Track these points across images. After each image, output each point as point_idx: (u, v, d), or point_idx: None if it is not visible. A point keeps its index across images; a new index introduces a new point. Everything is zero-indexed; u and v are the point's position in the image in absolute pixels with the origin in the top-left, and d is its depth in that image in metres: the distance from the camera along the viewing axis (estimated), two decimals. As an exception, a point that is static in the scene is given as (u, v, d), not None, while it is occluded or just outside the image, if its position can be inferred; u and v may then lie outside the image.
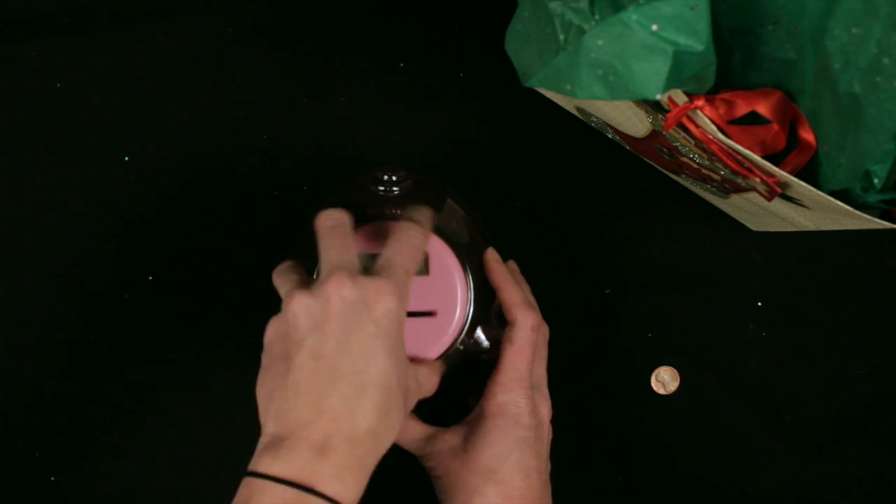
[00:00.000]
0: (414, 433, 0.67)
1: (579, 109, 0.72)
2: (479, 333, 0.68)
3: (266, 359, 0.60)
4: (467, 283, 0.67)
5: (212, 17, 0.79)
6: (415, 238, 0.62)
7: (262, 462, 0.55)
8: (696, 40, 0.53)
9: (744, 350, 0.77)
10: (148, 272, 0.76)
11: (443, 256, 0.67)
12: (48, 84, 0.78)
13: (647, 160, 0.76)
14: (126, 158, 0.78)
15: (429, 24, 0.79)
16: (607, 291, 0.77)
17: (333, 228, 0.61)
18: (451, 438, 0.66)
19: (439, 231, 0.67)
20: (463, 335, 0.67)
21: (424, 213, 0.65)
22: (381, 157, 0.78)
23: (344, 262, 0.59)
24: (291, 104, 0.78)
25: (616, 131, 0.71)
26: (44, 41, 0.78)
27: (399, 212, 0.68)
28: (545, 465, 0.66)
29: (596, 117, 0.71)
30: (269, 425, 0.57)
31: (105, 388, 0.75)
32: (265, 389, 0.59)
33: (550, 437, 0.67)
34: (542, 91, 0.70)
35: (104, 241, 0.77)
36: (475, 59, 0.79)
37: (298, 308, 0.58)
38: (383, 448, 0.57)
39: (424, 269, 0.66)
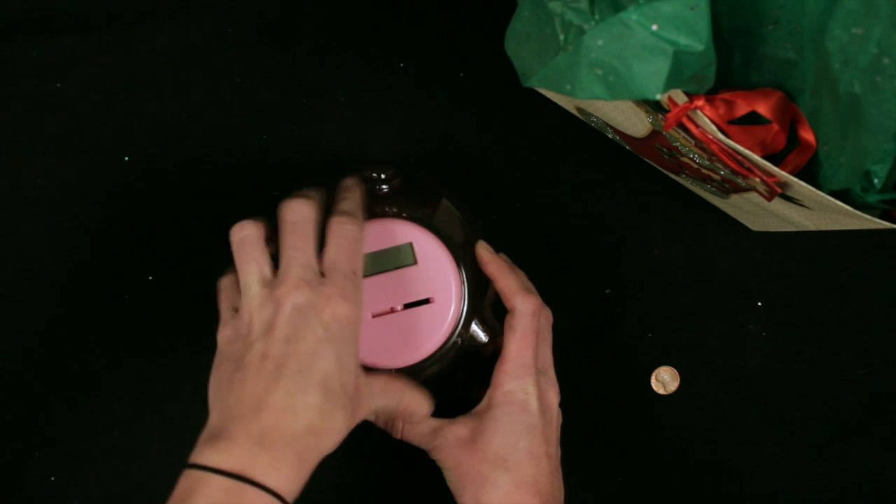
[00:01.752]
0: (421, 428, 0.67)
1: (579, 109, 0.72)
2: (475, 328, 0.68)
3: (218, 358, 0.61)
4: (461, 277, 0.67)
5: (212, 17, 0.79)
6: (350, 232, 0.62)
7: (202, 454, 0.56)
8: (696, 40, 0.53)
9: (744, 350, 0.77)
10: (148, 272, 0.76)
11: (432, 246, 0.67)
12: (48, 84, 0.78)
13: (647, 160, 0.76)
14: (126, 158, 0.78)
15: (429, 24, 0.79)
16: (607, 291, 0.77)
17: (296, 224, 0.61)
18: (458, 429, 0.66)
19: (433, 228, 0.68)
20: (459, 328, 0.67)
21: (353, 199, 0.64)
22: (380, 156, 0.78)
23: (299, 264, 0.60)
24: (291, 104, 0.78)
25: (616, 131, 0.71)
26: (44, 41, 0.78)
27: (393, 209, 0.68)
28: (555, 450, 0.66)
29: (596, 117, 0.71)
30: (213, 418, 0.58)
31: (105, 388, 0.75)
32: (213, 387, 0.60)
33: (559, 421, 0.68)
34: (542, 91, 0.70)
35: (104, 241, 0.77)
36: (475, 59, 0.79)
37: (252, 313, 0.59)
38: (326, 447, 0.58)
39: (412, 259, 0.67)
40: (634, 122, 0.66)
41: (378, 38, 0.79)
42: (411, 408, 0.65)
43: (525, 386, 0.65)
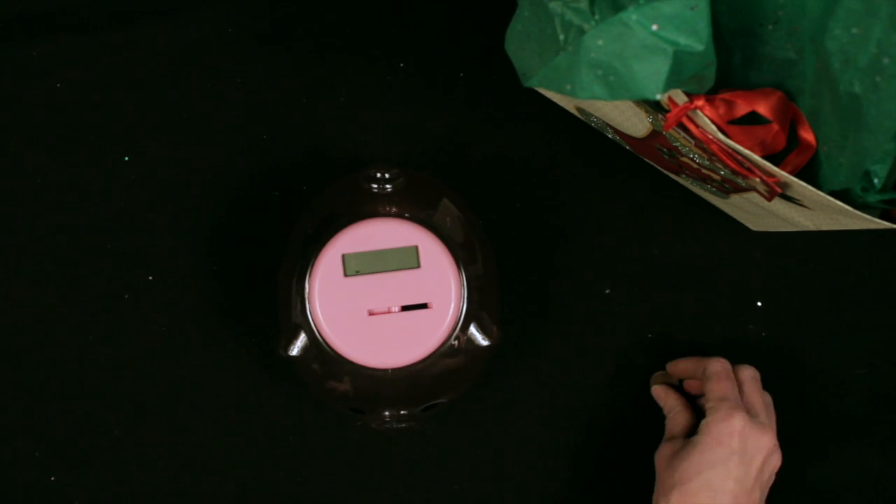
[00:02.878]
0: (675, 429, 0.71)
1: (579, 109, 0.72)
2: (474, 330, 0.68)
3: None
4: (461, 279, 0.67)
5: (212, 17, 0.79)
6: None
7: None
8: (696, 40, 0.53)
9: (744, 350, 0.77)
10: (148, 272, 0.76)
11: (436, 252, 0.67)
12: (48, 84, 0.78)
13: (647, 160, 0.76)
14: (126, 158, 0.78)
15: (429, 24, 0.79)
16: (607, 291, 0.77)
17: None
18: (666, 448, 0.70)
19: (433, 229, 0.68)
20: (457, 331, 0.67)
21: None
22: (380, 156, 0.78)
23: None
24: (291, 104, 0.78)
25: (616, 131, 0.71)
26: (44, 41, 0.78)
27: (395, 209, 0.68)
28: (747, 496, 0.66)
29: (596, 117, 0.71)
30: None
31: (105, 388, 0.75)
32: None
33: (769, 476, 0.69)
34: (542, 91, 0.70)
35: (104, 241, 0.77)
36: (475, 59, 0.79)
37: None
38: None
39: (416, 262, 0.67)
40: (634, 122, 0.66)
41: (378, 38, 0.79)
42: None
43: (725, 419, 0.67)
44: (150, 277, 0.76)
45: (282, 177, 0.78)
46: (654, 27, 0.53)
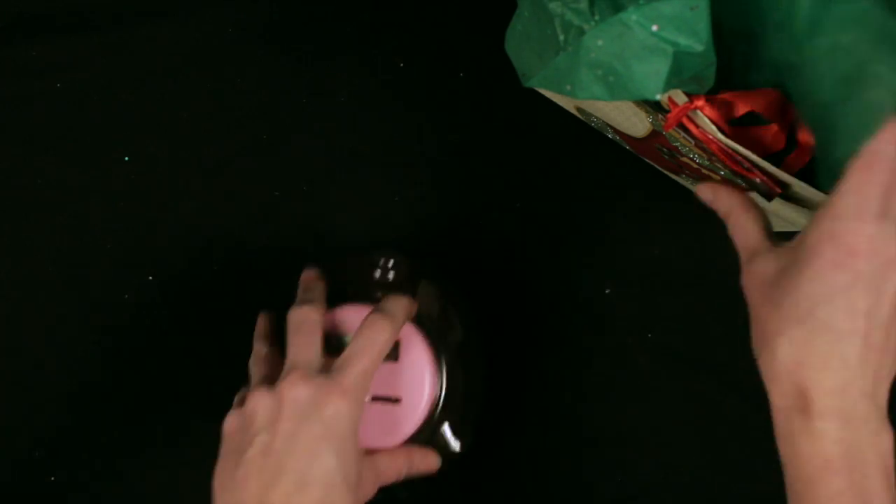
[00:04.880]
0: (748, 239, 0.54)
1: (579, 109, 0.72)
2: (447, 432, 0.67)
3: (223, 449, 0.61)
4: (439, 375, 0.66)
5: (212, 17, 0.79)
6: (381, 333, 0.62)
7: None
8: (696, 41, 0.53)
9: (744, 350, 0.77)
10: (148, 272, 0.77)
11: (417, 349, 0.66)
12: (48, 84, 0.78)
13: (647, 160, 0.76)
14: (126, 158, 0.78)
15: (429, 23, 0.79)
16: (607, 291, 0.77)
17: (301, 325, 0.62)
18: (764, 265, 0.53)
19: (422, 324, 0.66)
20: (426, 432, 0.66)
21: (400, 304, 0.64)
22: (380, 156, 0.78)
23: (302, 361, 0.61)
24: (291, 104, 0.78)
25: (616, 131, 0.71)
26: (44, 41, 0.78)
27: (378, 294, 0.67)
28: (881, 333, 0.48)
29: (596, 117, 0.71)
30: None
31: (105, 387, 0.76)
32: (219, 481, 0.60)
33: None
34: (542, 91, 0.70)
35: (104, 241, 0.77)
36: (475, 59, 0.79)
37: (256, 405, 0.59)
38: None
39: (395, 355, 0.65)
40: (634, 123, 0.66)
41: (378, 39, 0.79)
42: (422, 468, 0.65)
43: (857, 227, 0.48)
44: (150, 277, 0.76)
45: (282, 177, 0.78)
46: (654, 27, 0.53)
